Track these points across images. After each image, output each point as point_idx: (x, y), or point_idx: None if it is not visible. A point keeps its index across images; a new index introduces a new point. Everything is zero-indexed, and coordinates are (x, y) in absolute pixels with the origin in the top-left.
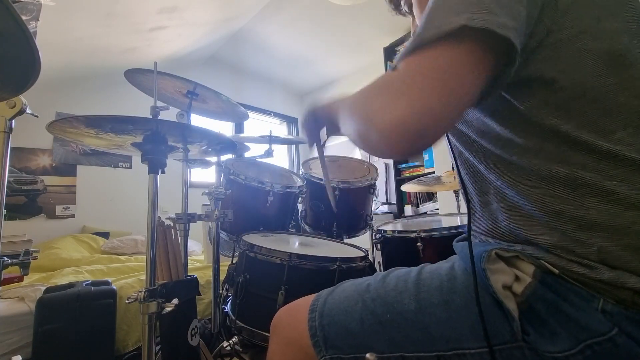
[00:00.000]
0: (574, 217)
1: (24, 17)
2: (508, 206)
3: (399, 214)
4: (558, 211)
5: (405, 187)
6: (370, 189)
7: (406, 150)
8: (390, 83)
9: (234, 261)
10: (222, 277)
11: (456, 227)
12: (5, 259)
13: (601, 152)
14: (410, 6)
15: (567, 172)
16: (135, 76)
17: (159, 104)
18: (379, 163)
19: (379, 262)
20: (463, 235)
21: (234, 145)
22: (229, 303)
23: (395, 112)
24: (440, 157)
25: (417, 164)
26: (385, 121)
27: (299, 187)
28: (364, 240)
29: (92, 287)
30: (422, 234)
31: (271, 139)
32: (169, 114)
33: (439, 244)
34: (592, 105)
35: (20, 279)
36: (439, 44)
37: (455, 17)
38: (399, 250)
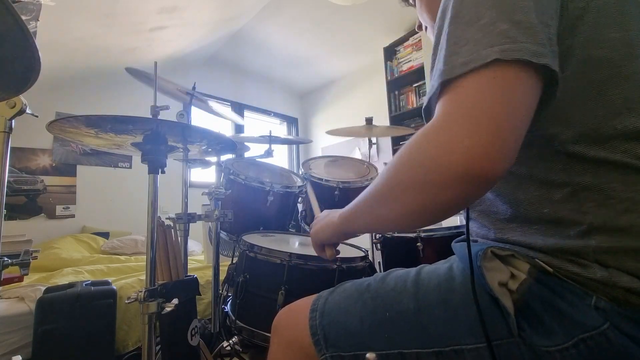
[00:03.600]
0: (571, 222)
1: (24, 17)
2: (505, 217)
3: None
4: (557, 218)
5: None
6: None
7: (492, 175)
8: (440, 123)
9: (234, 261)
10: (222, 277)
11: (456, 227)
12: (5, 259)
13: (599, 158)
14: None
15: (566, 178)
16: (137, 70)
17: (159, 103)
18: (379, 163)
19: (379, 262)
20: (462, 237)
21: (234, 145)
22: (229, 303)
23: (464, 142)
24: None
25: None
26: (455, 156)
27: (299, 187)
28: (364, 240)
29: (92, 287)
30: (422, 234)
31: (271, 139)
32: (169, 114)
33: (439, 244)
34: (592, 114)
35: (20, 279)
36: (479, 73)
37: (484, 50)
38: (399, 250)
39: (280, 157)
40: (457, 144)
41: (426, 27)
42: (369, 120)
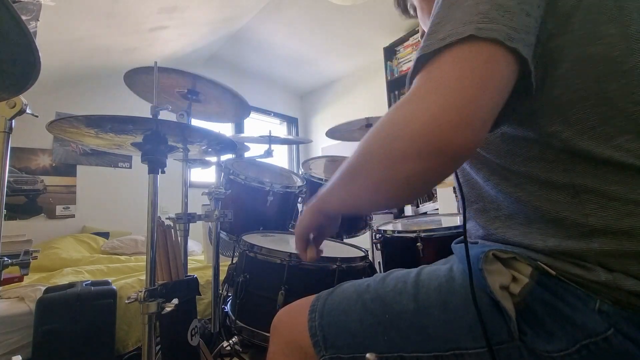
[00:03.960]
0: (573, 224)
1: (24, 17)
2: (504, 215)
3: (398, 214)
4: (558, 218)
5: None
6: None
7: (453, 151)
8: (410, 96)
9: (234, 261)
10: (222, 277)
11: (456, 227)
12: (5, 259)
13: (601, 158)
14: (415, 10)
15: (567, 179)
16: (135, 80)
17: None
18: None
19: (379, 262)
20: (461, 237)
21: (234, 145)
22: (229, 303)
23: (430, 110)
24: None
25: None
26: (419, 123)
27: (299, 187)
28: (363, 240)
29: (92, 287)
30: (422, 234)
31: (271, 139)
32: (169, 114)
33: (439, 244)
34: (591, 111)
35: (20, 279)
36: (453, 50)
37: (462, 27)
38: (399, 251)
39: (280, 157)
40: (423, 112)
41: None
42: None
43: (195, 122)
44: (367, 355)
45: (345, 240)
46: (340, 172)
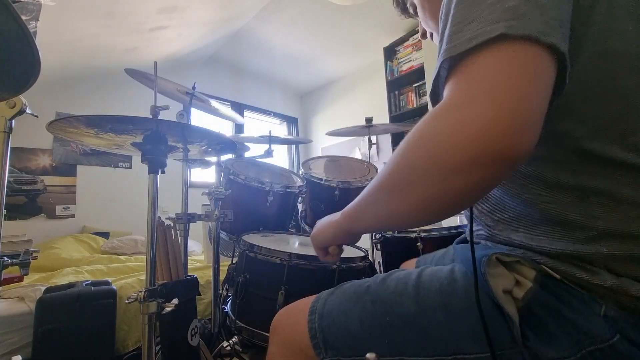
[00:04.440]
0: (581, 226)
1: (24, 17)
2: (510, 217)
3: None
4: (564, 221)
5: None
6: None
7: (511, 157)
8: (451, 103)
9: (234, 261)
10: (222, 277)
11: (456, 227)
12: (5, 259)
13: (612, 159)
14: (415, 9)
15: (576, 181)
16: (136, 71)
17: (159, 103)
18: (379, 163)
19: (379, 262)
20: (462, 236)
21: (234, 145)
22: (229, 303)
23: (481, 116)
24: None
25: None
26: (471, 131)
27: (299, 187)
28: (364, 240)
29: (92, 287)
30: (422, 234)
31: (271, 139)
32: (169, 114)
33: (439, 244)
34: (606, 108)
35: (20, 279)
36: (488, 50)
37: (491, 25)
38: (399, 250)
39: (280, 157)
40: (475, 120)
41: (431, 34)
42: (368, 120)
43: (197, 115)
44: (367, 355)
45: (350, 242)
46: (372, 189)
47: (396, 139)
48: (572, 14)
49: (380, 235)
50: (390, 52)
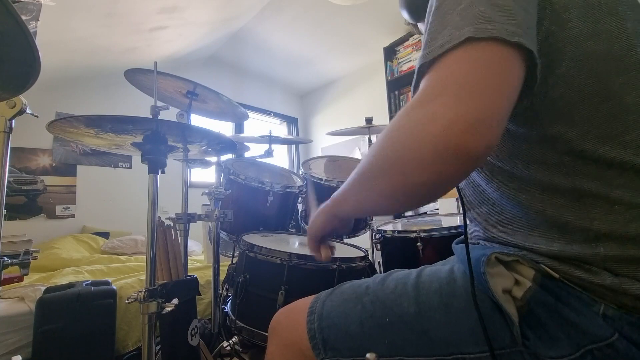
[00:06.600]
0: (578, 228)
1: (24, 17)
2: (507, 219)
3: (398, 214)
4: (561, 223)
5: None
6: None
7: (471, 153)
8: (419, 99)
9: (234, 261)
10: (222, 277)
11: (456, 227)
12: (5, 259)
13: (605, 160)
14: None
15: (571, 183)
16: (136, 76)
17: (159, 103)
18: None
19: (379, 262)
20: (461, 237)
21: (234, 145)
22: (229, 303)
23: (440, 114)
24: None
25: None
26: (433, 128)
27: (299, 187)
28: (363, 240)
29: (92, 287)
30: (422, 234)
31: (271, 139)
32: (169, 114)
33: (439, 244)
34: (597, 109)
35: (20, 279)
36: (456, 52)
37: (459, 31)
38: (399, 250)
39: (280, 157)
40: (438, 116)
41: None
42: (368, 120)
43: (196, 119)
44: (367, 355)
45: (345, 240)
46: (354, 176)
47: None
48: (548, 18)
49: (380, 235)
50: (390, 52)
